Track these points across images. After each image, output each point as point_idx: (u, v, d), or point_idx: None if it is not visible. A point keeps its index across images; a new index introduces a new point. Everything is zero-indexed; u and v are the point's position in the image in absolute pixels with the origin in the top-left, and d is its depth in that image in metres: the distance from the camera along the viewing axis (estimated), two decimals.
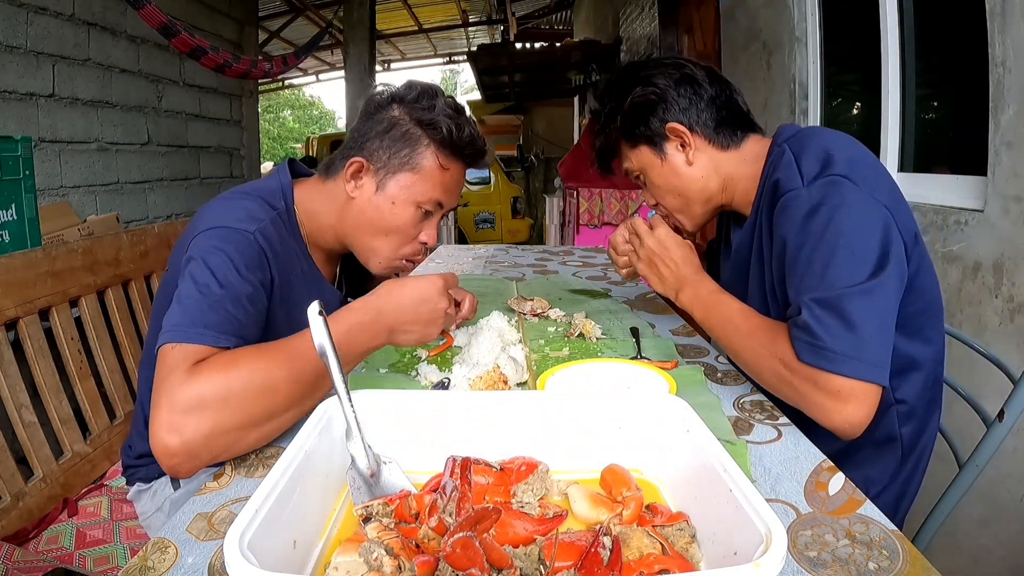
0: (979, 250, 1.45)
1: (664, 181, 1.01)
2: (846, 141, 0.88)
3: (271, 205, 0.92)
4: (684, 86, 0.97)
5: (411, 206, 0.95)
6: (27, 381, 1.11)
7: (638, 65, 1.02)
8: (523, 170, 9.62)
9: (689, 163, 0.98)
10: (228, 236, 0.82)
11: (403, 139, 0.93)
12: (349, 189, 0.94)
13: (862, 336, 0.74)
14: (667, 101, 0.97)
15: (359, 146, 0.95)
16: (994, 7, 1.38)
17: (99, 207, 3.50)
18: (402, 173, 0.94)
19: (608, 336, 1.17)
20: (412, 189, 0.94)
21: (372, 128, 0.94)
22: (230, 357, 0.72)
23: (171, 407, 0.67)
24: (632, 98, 0.98)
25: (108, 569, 1.03)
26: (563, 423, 0.65)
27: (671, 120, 0.97)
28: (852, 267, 0.77)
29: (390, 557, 0.46)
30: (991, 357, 0.99)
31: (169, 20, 3.19)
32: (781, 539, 0.42)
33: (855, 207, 0.79)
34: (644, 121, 0.98)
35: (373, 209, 0.94)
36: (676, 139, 0.98)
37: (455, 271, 1.85)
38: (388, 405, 0.66)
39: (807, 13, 2.38)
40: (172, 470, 0.69)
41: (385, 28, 9.10)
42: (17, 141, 1.93)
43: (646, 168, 1.02)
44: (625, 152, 1.04)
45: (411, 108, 0.94)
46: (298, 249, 0.96)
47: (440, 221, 1.02)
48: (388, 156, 0.93)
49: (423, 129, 0.94)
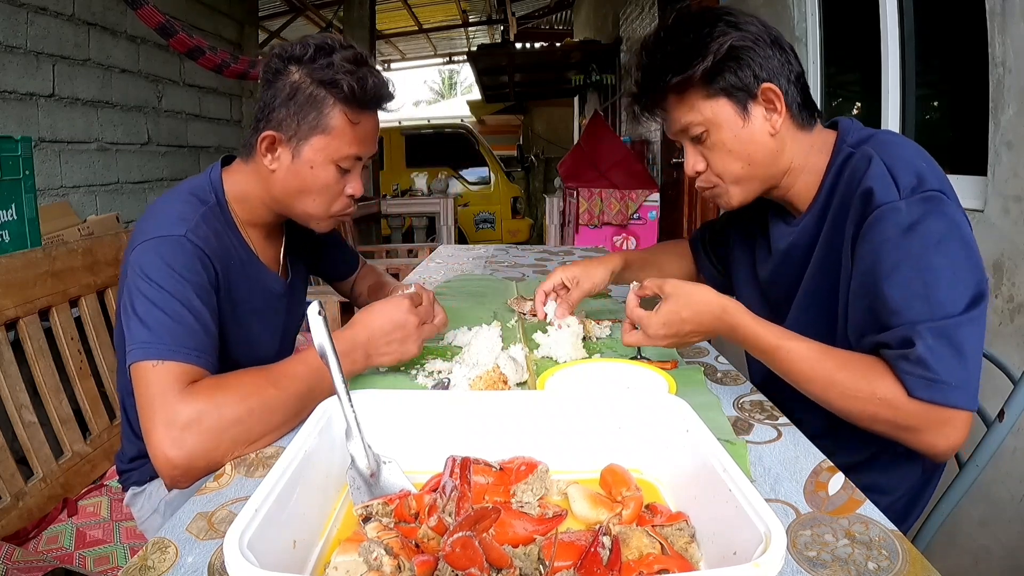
0: (979, 250, 1.45)
1: (738, 145, 0.88)
2: (925, 153, 0.83)
3: (201, 200, 0.93)
4: (778, 49, 0.86)
5: (330, 165, 0.95)
6: (27, 381, 1.11)
7: (725, 11, 0.89)
8: (523, 170, 9.61)
9: (773, 132, 0.87)
10: (162, 246, 0.84)
11: (308, 103, 0.91)
12: (267, 163, 0.94)
13: (970, 367, 0.72)
14: (765, 59, 0.85)
15: (266, 118, 0.93)
16: (994, 7, 1.38)
17: (99, 207, 3.50)
18: (314, 137, 0.92)
19: (608, 336, 1.17)
20: (327, 150, 0.93)
21: (275, 96, 0.92)
22: (224, 378, 0.78)
23: (170, 423, 0.71)
24: (733, 40, 0.84)
25: (108, 569, 1.03)
26: (563, 423, 0.65)
27: (768, 80, 0.85)
28: (958, 292, 0.74)
29: (390, 557, 0.46)
30: (991, 357, 0.99)
31: (167, 20, 3.19)
32: (780, 539, 0.42)
33: (955, 227, 0.76)
34: (739, 70, 0.85)
35: (294, 176, 0.94)
36: (767, 103, 0.87)
37: (455, 271, 1.86)
38: (388, 405, 0.66)
39: (807, 13, 2.38)
40: (173, 482, 0.73)
41: (385, 28, 9.10)
42: (17, 141, 1.93)
43: (719, 124, 0.88)
44: (696, 100, 0.88)
45: (310, 69, 0.91)
46: (234, 239, 0.97)
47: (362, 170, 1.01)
48: (297, 123, 0.92)
49: (326, 89, 0.91)
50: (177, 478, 0.73)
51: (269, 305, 1.04)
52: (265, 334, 1.05)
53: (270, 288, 1.04)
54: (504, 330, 1.16)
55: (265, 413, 0.76)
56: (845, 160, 0.87)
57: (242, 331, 0.97)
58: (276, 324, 1.08)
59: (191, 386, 0.74)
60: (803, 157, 0.91)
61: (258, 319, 1.02)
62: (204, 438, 0.71)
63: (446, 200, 5.50)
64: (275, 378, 0.79)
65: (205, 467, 0.72)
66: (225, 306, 0.92)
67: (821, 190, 0.91)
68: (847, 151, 0.87)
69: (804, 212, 0.93)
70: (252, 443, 0.75)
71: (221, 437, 0.72)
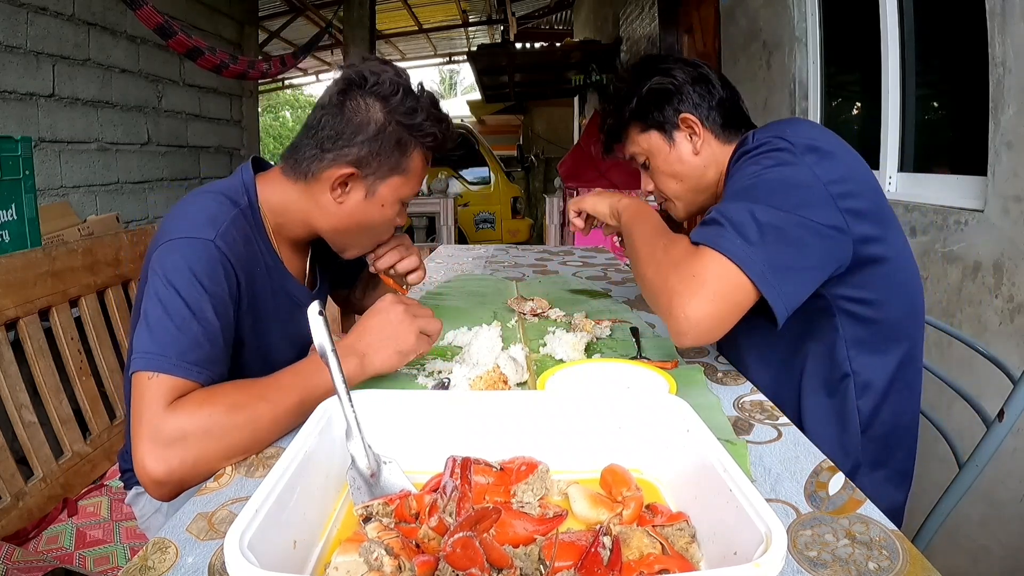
0: (979, 250, 1.45)
1: (668, 167, 1.06)
2: (811, 126, 0.92)
3: (233, 202, 0.91)
4: (700, 84, 1.03)
5: (397, 204, 0.97)
6: (27, 381, 1.11)
7: (659, 58, 1.09)
8: (523, 170, 9.62)
9: (696, 152, 1.04)
10: (189, 248, 0.82)
11: (395, 147, 0.91)
12: (335, 196, 0.92)
13: (767, 239, 0.77)
14: (683, 93, 1.03)
15: (338, 149, 0.90)
16: (994, 7, 1.38)
17: (99, 207, 3.50)
18: (392, 178, 0.93)
19: (608, 336, 1.18)
20: (401, 191, 0.95)
21: (356, 132, 0.90)
22: (212, 391, 0.76)
23: (153, 438, 0.70)
24: (651, 84, 1.03)
25: (108, 569, 1.03)
26: (563, 423, 0.65)
27: (685, 111, 1.02)
28: (776, 195, 0.81)
29: (390, 557, 0.46)
30: (991, 357, 0.99)
31: (166, 20, 3.19)
32: (781, 539, 0.42)
33: (784, 164, 0.84)
34: (660, 108, 1.03)
35: (362, 213, 0.95)
36: (687, 129, 1.03)
37: (455, 271, 1.86)
38: (388, 405, 0.66)
39: (807, 13, 2.38)
40: (158, 496, 0.73)
41: (385, 28, 9.10)
42: (17, 141, 1.93)
43: (653, 152, 1.07)
44: (634, 136, 1.08)
45: (395, 110, 0.91)
46: (263, 245, 0.95)
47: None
48: (378, 163, 0.91)
49: (411, 134, 0.92)
50: (161, 493, 0.72)
51: (292, 314, 1.02)
52: (285, 343, 1.03)
53: (294, 297, 1.02)
54: (504, 330, 1.16)
55: (253, 428, 0.74)
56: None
57: (262, 339, 0.96)
58: (297, 333, 1.05)
59: (177, 401, 0.73)
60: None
61: (280, 327, 1.00)
62: (189, 455, 0.70)
63: (446, 200, 5.50)
64: (264, 391, 0.77)
65: (190, 482, 0.71)
66: (245, 315, 0.90)
67: None
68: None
69: None
70: (240, 456, 0.74)
71: (206, 454, 0.71)
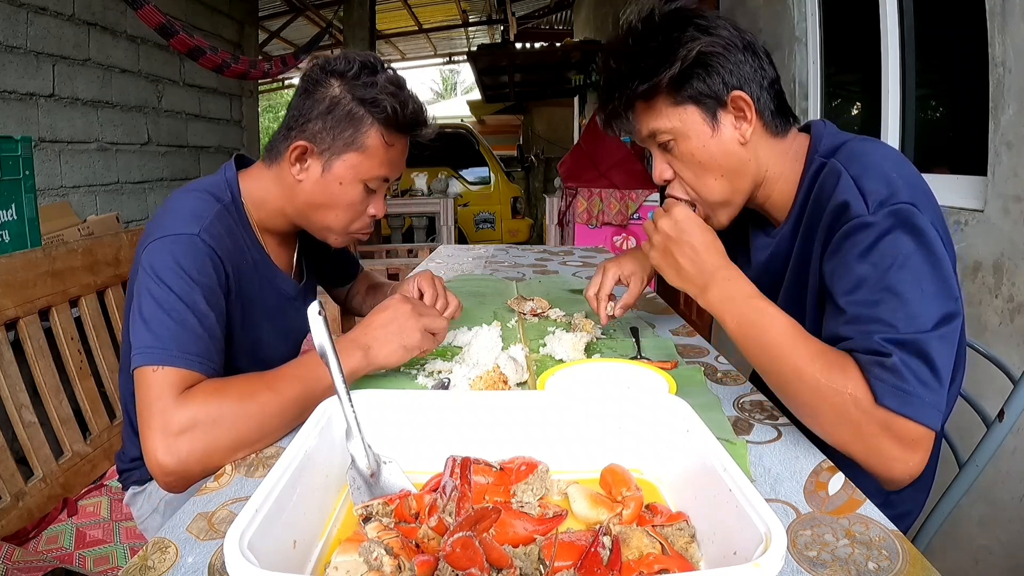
0: (979, 250, 1.45)
1: (708, 156, 0.84)
2: (898, 157, 0.79)
3: (216, 198, 0.92)
4: (751, 54, 0.82)
5: (358, 184, 0.95)
6: (27, 381, 1.11)
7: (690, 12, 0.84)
8: (523, 170, 9.61)
9: (742, 142, 0.84)
10: (174, 244, 0.83)
11: (346, 119, 0.91)
12: (294, 172, 0.93)
13: (942, 387, 0.67)
14: (735, 64, 0.81)
15: (300, 127, 0.92)
16: (994, 7, 1.38)
17: (99, 207, 3.50)
18: (348, 153, 0.92)
19: (608, 336, 1.18)
20: (358, 168, 0.94)
21: (312, 108, 0.91)
22: (220, 382, 0.77)
23: (165, 429, 0.71)
24: (699, 45, 0.80)
25: (108, 569, 1.03)
26: (563, 423, 0.65)
27: (737, 87, 0.81)
28: (926, 308, 0.69)
29: (390, 557, 0.46)
30: (991, 357, 0.99)
31: (167, 20, 3.19)
32: (781, 539, 0.42)
33: (924, 243, 0.71)
34: (707, 77, 0.81)
35: (320, 190, 0.94)
36: (736, 111, 0.83)
37: (455, 271, 1.86)
38: (388, 405, 0.66)
39: (807, 13, 2.38)
40: (168, 487, 0.74)
41: (385, 28, 9.09)
42: (17, 141, 1.93)
43: (687, 134, 0.84)
44: (660, 107, 0.85)
45: (352, 85, 0.91)
46: (248, 239, 0.96)
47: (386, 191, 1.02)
48: (332, 137, 0.91)
49: (366, 108, 0.91)
50: (172, 484, 0.73)
51: (280, 307, 1.04)
52: (274, 336, 1.04)
53: (282, 290, 1.03)
54: (504, 330, 1.16)
55: (261, 417, 0.75)
56: (817, 171, 0.83)
57: (251, 333, 0.97)
58: (286, 327, 1.07)
59: (187, 391, 0.74)
60: (778, 165, 0.87)
61: (268, 321, 1.01)
62: (198, 444, 0.71)
63: (446, 200, 5.50)
64: (272, 382, 0.78)
65: (200, 472, 0.72)
66: (235, 308, 0.91)
67: (796, 200, 0.88)
68: (819, 161, 0.84)
69: (782, 222, 0.91)
70: (248, 447, 0.75)
71: (216, 443, 0.72)
